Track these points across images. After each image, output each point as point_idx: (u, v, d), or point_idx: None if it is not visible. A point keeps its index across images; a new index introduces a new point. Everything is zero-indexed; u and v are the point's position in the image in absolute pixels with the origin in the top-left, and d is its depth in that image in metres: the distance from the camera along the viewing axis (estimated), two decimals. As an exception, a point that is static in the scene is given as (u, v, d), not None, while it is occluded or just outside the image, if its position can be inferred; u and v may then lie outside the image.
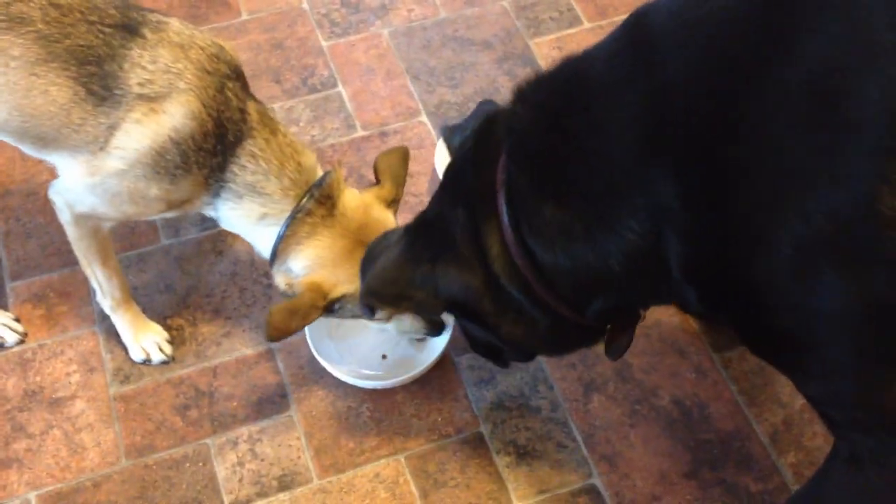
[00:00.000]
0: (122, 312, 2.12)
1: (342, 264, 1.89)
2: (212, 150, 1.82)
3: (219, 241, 2.35)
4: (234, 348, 2.18)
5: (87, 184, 1.84)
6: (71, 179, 1.87)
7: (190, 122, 1.77)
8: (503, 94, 2.63)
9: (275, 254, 1.91)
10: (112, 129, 1.77)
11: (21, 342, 2.18)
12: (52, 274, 2.29)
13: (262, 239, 1.93)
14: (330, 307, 1.90)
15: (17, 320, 2.20)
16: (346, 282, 1.89)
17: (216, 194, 1.88)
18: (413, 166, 2.46)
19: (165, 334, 2.17)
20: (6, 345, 2.17)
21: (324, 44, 2.77)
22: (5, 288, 2.27)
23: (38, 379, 2.13)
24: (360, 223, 1.90)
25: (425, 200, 2.39)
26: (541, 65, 2.72)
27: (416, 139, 2.54)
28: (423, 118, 2.60)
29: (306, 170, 1.90)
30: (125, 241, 2.35)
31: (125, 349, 2.16)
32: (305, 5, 2.86)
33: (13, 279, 2.29)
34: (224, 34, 2.76)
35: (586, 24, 2.83)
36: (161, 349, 2.14)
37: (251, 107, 1.86)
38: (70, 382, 2.13)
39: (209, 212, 1.94)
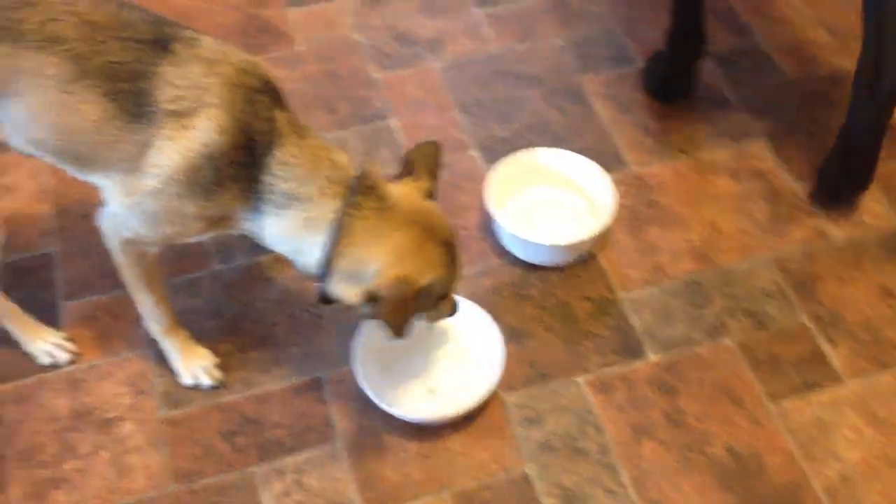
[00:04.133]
0: (170, 338, 2.14)
1: (419, 252, 1.82)
2: (244, 162, 1.79)
3: (269, 268, 2.37)
4: (282, 376, 2.19)
5: (126, 205, 1.86)
6: (113, 203, 1.89)
7: (220, 137, 1.77)
8: (552, 129, 2.64)
9: (327, 263, 1.84)
10: (145, 146, 1.79)
11: (73, 362, 2.21)
12: (103, 295, 2.32)
13: (309, 250, 1.85)
14: (422, 301, 1.85)
15: (71, 340, 2.23)
16: (429, 268, 1.84)
17: (255, 209, 1.86)
18: (463, 199, 2.48)
19: (215, 359, 2.19)
20: (59, 364, 2.20)
21: (376, 76, 2.79)
22: (59, 307, 2.30)
23: (88, 399, 2.16)
24: (417, 211, 1.86)
25: (476, 235, 2.42)
26: (590, 101, 2.73)
27: (465, 172, 2.56)
28: (473, 152, 2.62)
29: (342, 167, 1.85)
30: (176, 266, 2.37)
31: (174, 373, 2.18)
32: (359, 37, 2.89)
33: (67, 298, 2.32)
34: (279, 64, 2.80)
35: (639, 63, 2.83)
36: (210, 374, 2.16)
37: (278, 115, 1.82)
38: (120, 404, 2.15)
39: (252, 229, 1.91)
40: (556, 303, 2.31)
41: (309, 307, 2.30)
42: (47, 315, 2.27)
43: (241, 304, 2.32)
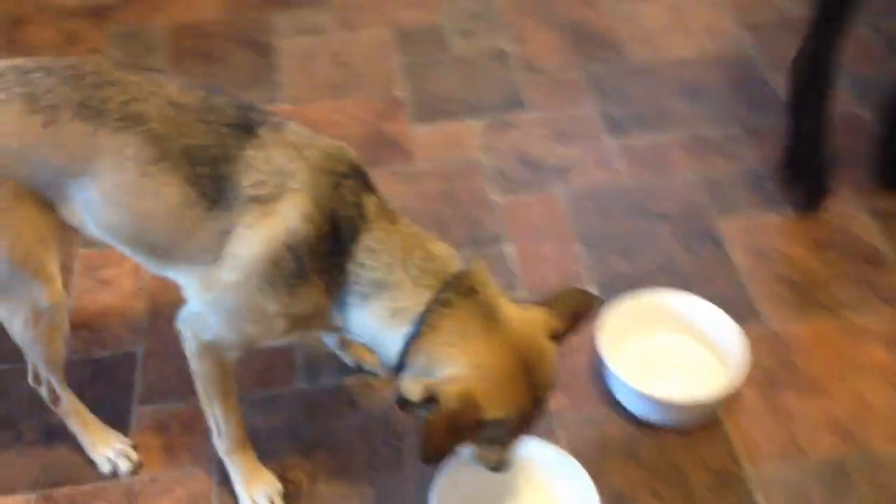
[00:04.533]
0: (237, 457, 1.96)
1: (505, 383, 1.59)
2: (328, 251, 1.64)
3: (356, 392, 2.19)
4: (352, 515, 1.97)
5: (205, 301, 1.71)
6: (192, 301, 1.75)
7: (303, 224, 1.62)
8: (680, 270, 2.40)
9: (405, 355, 1.64)
10: (224, 234, 1.64)
11: (134, 472, 2.05)
12: (180, 403, 2.17)
13: (391, 341, 1.66)
14: (476, 433, 1.61)
15: (135, 448, 2.07)
16: (505, 405, 1.60)
17: (341, 301, 1.68)
18: (574, 339, 2.25)
19: (280, 486, 1.99)
20: (118, 473, 2.04)
21: (496, 199, 2.63)
22: (132, 411, 2.16)
23: (142, 516, 1.98)
24: (526, 342, 1.63)
25: (584, 380, 2.17)
26: (725, 245, 2.49)
27: (580, 311, 2.32)
28: (590, 288, 2.40)
29: (439, 258, 1.66)
30: (257, 381, 2.21)
31: (236, 497, 1.98)
32: (484, 159, 2.75)
33: (141, 402, 2.18)
34: (398, 179, 2.68)
35: (786, 210, 2.58)
36: (272, 502, 1.96)
37: (366, 200, 1.67)
38: (174, 524, 1.97)
39: (338, 323, 1.72)
40: (669, 469, 2.03)
41: (392, 441, 2.09)
42: (118, 418, 2.13)
43: (321, 428, 2.12)
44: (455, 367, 1.59)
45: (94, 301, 2.39)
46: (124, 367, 2.25)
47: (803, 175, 2.57)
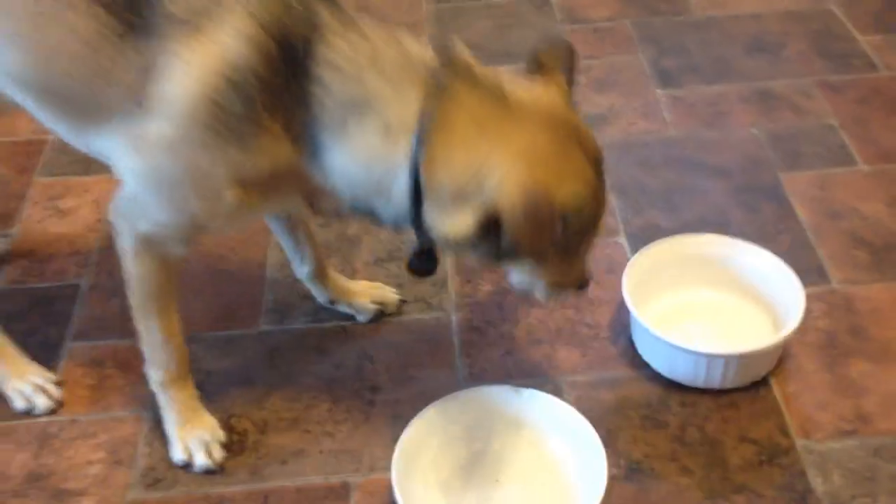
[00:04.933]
0: (174, 392, 1.61)
1: (558, 158, 1.27)
2: (281, 82, 1.27)
3: (327, 337, 1.82)
4: (301, 472, 1.60)
5: (136, 172, 1.36)
6: (124, 178, 1.40)
7: (245, 49, 1.26)
8: (734, 227, 1.99)
9: (417, 183, 1.26)
10: (146, 71, 1.29)
11: (52, 412, 1.71)
12: (120, 341, 1.83)
13: (392, 177, 1.28)
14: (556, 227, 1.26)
15: (59, 385, 1.74)
16: (572, 180, 1.27)
17: (314, 147, 1.30)
18: (596, 292, 1.86)
19: (221, 434, 1.63)
20: (34, 411, 1.71)
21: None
22: (64, 346, 1.83)
23: (50, 462, 1.64)
24: (555, 113, 1.30)
25: (604, 335, 1.78)
26: (791, 203, 2.07)
27: (605, 261, 1.94)
28: (622, 239, 2.01)
29: (415, 53, 1.30)
30: (216, 320, 1.87)
31: (166, 442, 1.63)
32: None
33: (75, 338, 1.85)
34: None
35: (861, 166, 2.16)
36: (208, 452, 1.60)
37: (318, 7, 1.30)
38: (86, 474, 1.62)
39: (319, 179, 1.34)
40: (701, 438, 1.61)
41: (363, 392, 1.72)
42: (48, 352, 1.81)
43: (281, 375, 1.76)
44: (499, 165, 1.23)
45: (45, 231, 2.09)
46: (64, 299, 1.93)
47: None
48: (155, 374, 1.61)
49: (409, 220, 1.32)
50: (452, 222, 1.27)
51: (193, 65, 1.27)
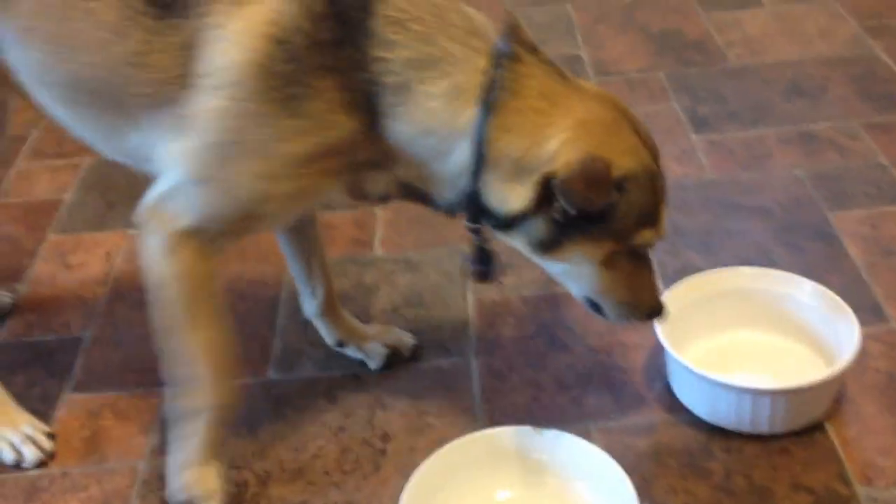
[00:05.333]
0: (213, 417, 1.41)
1: (618, 133, 1.26)
2: (333, 40, 1.20)
3: (338, 385, 1.70)
4: (304, 527, 1.45)
5: (184, 154, 1.25)
6: (164, 171, 1.29)
7: (289, 6, 1.19)
8: (779, 267, 1.83)
9: (481, 152, 1.22)
10: (187, 50, 1.21)
11: (42, 464, 1.59)
12: (120, 392, 1.72)
13: (458, 141, 1.23)
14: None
15: (51, 437, 1.62)
16: (629, 155, 1.26)
17: (371, 114, 1.22)
18: (628, 336, 1.72)
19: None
20: (22, 464, 1.59)
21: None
22: (61, 398, 1.72)
23: (38, 517, 1.51)
24: (604, 94, 1.31)
25: (639, 381, 1.64)
26: (841, 240, 1.93)
27: (641, 304, 1.79)
28: (657, 281, 1.86)
29: (477, 19, 1.27)
30: (223, 368, 1.74)
31: (157, 497, 1.50)
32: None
33: (75, 390, 1.74)
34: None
35: (914, 203, 2.02)
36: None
37: None
38: (74, 529, 1.49)
39: (378, 150, 1.26)
40: (749, 487, 1.45)
41: (373, 441, 1.58)
42: (45, 404, 1.70)
43: (287, 424, 1.63)
44: (560, 134, 1.22)
45: (54, 285, 2.00)
46: (67, 351, 1.83)
47: None
48: (190, 399, 1.40)
49: (465, 196, 1.26)
50: (510, 194, 1.23)
51: (237, 31, 1.20)
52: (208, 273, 1.34)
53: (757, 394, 1.46)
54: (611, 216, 1.25)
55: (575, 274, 1.35)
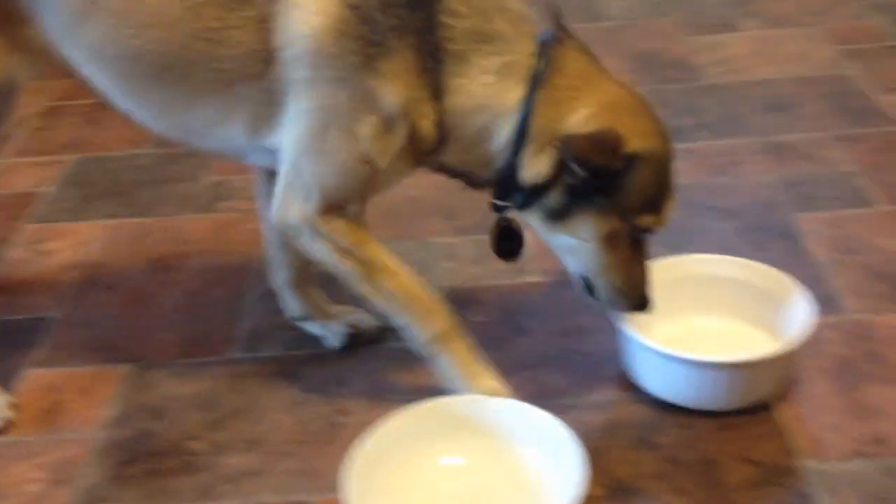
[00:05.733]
0: (452, 344, 1.46)
1: (639, 116, 1.39)
2: (408, 4, 1.28)
3: (299, 364, 1.71)
4: (255, 491, 1.46)
5: (285, 143, 1.33)
6: (282, 153, 1.36)
7: None
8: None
9: (524, 127, 1.33)
10: (265, 23, 1.27)
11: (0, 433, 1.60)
12: (83, 367, 1.74)
13: (505, 116, 1.33)
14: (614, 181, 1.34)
15: (13, 407, 1.64)
16: (643, 136, 1.37)
17: (436, 82, 1.30)
18: (587, 319, 1.74)
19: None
20: (-16, 430, 1.60)
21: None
22: (22, 374, 1.73)
23: (-9, 479, 1.52)
24: (628, 87, 1.43)
25: (596, 360, 1.66)
26: (805, 240, 1.95)
27: (604, 293, 1.81)
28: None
29: (525, 9, 1.38)
30: (184, 349, 1.76)
31: (111, 463, 1.50)
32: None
33: (38, 365, 1.75)
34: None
35: (879, 207, 2.04)
36: None
37: None
38: (23, 492, 1.49)
39: (435, 119, 1.34)
40: (696, 458, 1.45)
41: (332, 416, 1.59)
42: (5, 380, 1.71)
43: (246, 399, 1.65)
44: (587, 108, 1.34)
45: (26, 270, 2.03)
46: (31, 330, 1.84)
47: None
48: (422, 333, 1.45)
49: (502, 173, 1.35)
50: (538, 164, 1.32)
51: (312, 1, 1.25)
52: (363, 236, 1.41)
53: (707, 367, 1.47)
54: (618, 191, 1.34)
55: (578, 249, 1.42)
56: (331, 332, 1.70)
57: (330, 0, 1.25)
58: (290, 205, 1.37)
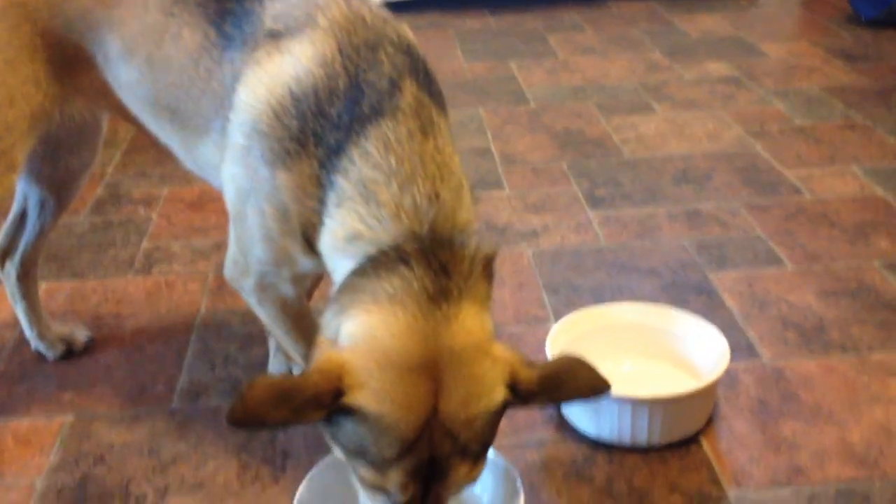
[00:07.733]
0: None
1: (391, 371, 1.11)
2: (335, 119, 1.22)
3: (241, 412, 1.74)
4: (200, 531, 1.48)
5: (227, 181, 1.35)
6: (225, 195, 1.40)
7: (316, 69, 1.24)
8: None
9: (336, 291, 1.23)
10: (234, 82, 1.32)
11: (-62, 482, 1.59)
12: (22, 419, 1.75)
13: (339, 272, 1.23)
14: (333, 415, 1.12)
15: (-50, 458, 1.63)
16: (375, 392, 1.10)
17: (322, 199, 1.23)
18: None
19: None
20: (-82, 481, 1.59)
21: (450, 248, 2.27)
22: (-38, 427, 1.73)
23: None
24: (460, 355, 1.13)
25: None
26: (721, 295, 2.07)
27: (535, 345, 1.90)
28: (552, 325, 1.97)
29: (444, 208, 1.19)
30: (127, 399, 1.79)
31: (55, 504, 1.51)
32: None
33: (-27, 419, 1.75)
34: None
35: (789, 266, 2.18)
36: None
37: (408, 84, 1.24)
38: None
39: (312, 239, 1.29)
40: (628, 490, 1.53)
41: (276, 459, 1.62)
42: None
43: (189, 446, 1.67)
44: (353, 328, 1.15)
45: (-35, 328, 2.03)
46: (-29, 384, 1.85)
47: None
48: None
49: None
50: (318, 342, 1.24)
51: (266, 74, 1.28)
52: (292, 309, 1.46)
53: (635, 403, 1.55)
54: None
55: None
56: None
57: (279, 81, 1.27)
58: (232, 268, 1.44)
